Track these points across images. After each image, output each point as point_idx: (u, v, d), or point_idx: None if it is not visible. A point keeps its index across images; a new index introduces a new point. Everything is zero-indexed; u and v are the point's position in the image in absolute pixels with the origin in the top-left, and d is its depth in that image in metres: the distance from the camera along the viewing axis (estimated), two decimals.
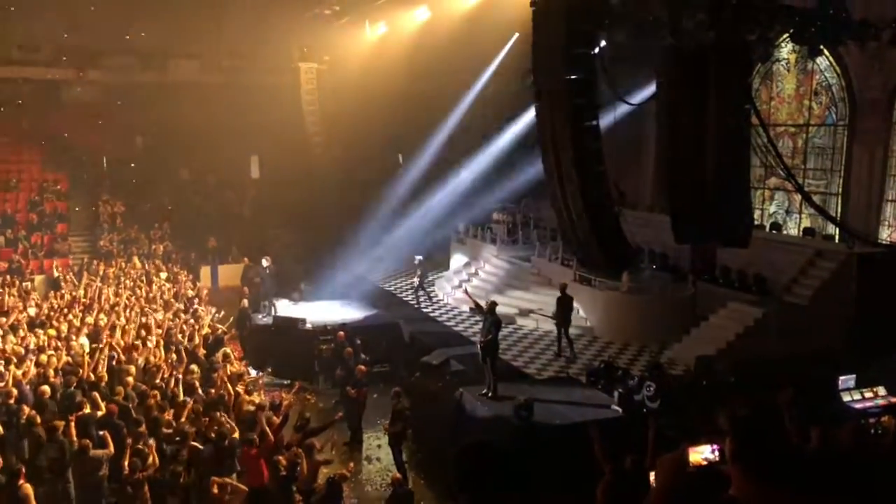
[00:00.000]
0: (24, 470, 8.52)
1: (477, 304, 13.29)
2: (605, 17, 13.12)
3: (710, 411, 10.01)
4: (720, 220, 10.77)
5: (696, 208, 10.92)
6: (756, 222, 21.58)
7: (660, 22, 16.76)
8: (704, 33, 10.69)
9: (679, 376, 15.00)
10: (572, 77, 11.57)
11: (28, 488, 8.23)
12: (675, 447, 6.19)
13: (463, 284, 21.43)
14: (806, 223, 21.65)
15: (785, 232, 21.75)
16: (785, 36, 17.59)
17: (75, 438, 9.46)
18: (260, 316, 18.44)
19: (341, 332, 16.07)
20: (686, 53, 10.56)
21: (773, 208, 22.97)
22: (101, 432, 9.76)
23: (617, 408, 12.23)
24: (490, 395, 12.74)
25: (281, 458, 9.34)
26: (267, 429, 9.82)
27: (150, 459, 9.10)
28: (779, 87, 22.42)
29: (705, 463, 6.16)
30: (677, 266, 20.13)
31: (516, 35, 22.68)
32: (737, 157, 10.40)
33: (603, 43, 14.89)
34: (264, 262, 19.68)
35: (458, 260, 25.14)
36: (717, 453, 6.10)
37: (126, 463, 8.98)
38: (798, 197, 21.16)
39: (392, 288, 24.04)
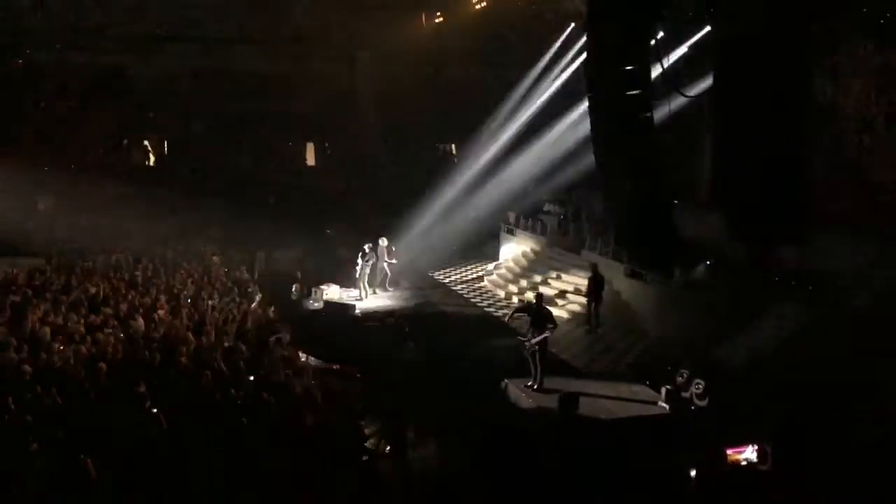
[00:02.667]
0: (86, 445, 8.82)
1: (523, 307, 13.41)
2: (663, 7, 12.87)
3: (758, 411, 9.89)
4: (776, 217, 10.49)
5: (751, 204, 10.66)
6: None
7: (718, 12, 16.41)
8: (764, 24, 10.42)
9: (729, 375, 14.78)
10: (627, 68, 11.37)
11: (90, 463, 8.51)
12: (717, 445, 6.13)
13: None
14: None
15: None
16: (851, 27, 17.06)
17: (131, 415, 9.78)
18: (311, 301, 18.76)
19: (391, 319, 16.26)
20: (744, 45, 10.30)
21: None
22: (154, 410, 10.06)
23: (664, 404, 12.13)
24: (535, 387, 12.76)
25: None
26: None
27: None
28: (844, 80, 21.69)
29: (745, 464, 6.08)
30: (731, 262, 19.73)
31: (572, 25, 22.45)
32: (795, 153, 10.11)
33: (660, 34, 14.64)
34: (382, 242, 20.60)
35: (507, 250, 25.08)
36: (756, 455, 6.02)
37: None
38: None
39: (442, 276, 24.12)
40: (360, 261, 19.87)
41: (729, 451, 5.93)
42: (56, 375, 11.00)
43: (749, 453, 6.16)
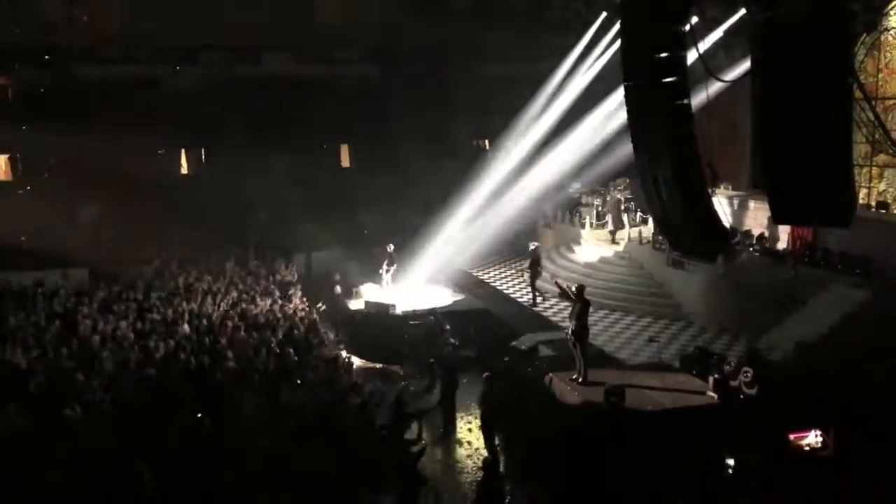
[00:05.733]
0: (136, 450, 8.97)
1: (566, 293, 13.21)
2: None
3: (810, 398, 9.67)
4: (820, 199, 10.23)
5: (794, 187, 10.41)
6: (862, 201, 20.52)
7: None
8: (803, 4, 10.17)
9: (777, 362, 14.50)
10: (662, 55, 11.19)
11: (143, 467, 8.65)
12: (773, 434, 5.98)
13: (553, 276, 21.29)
14: None
15: (895, 211, 20.59)
16: (893, 3, 16.59)
17: (179, 420, 9.93)
18: (352, 301, 18.87)
19: (431, 317, 16.27)
20: (783, 26, 10.06)
21: (882, 186, 21.78)
22: (199, 414, 10.21)
23: (712, 394, 11.94)
24: (580, 380, 12.65)
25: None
26: None
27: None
28: (887, 57, 21.17)
29: (808, 449, 5.92)
30: (776, 248, 19.39)
31: (604, 14, 22.13)
32: (838, 134, 9.84)
33: (695, 18, 14.40)
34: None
35: (547, 245, 24.92)
36: (820, 440, 5.87)
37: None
38: None
39: (481, 273, 24.08)
40: (384, 265, 19.77)
41: (792, 437, 5.77)
42: (107, 382, 11.22)
43: (812, 438, 5.99)
